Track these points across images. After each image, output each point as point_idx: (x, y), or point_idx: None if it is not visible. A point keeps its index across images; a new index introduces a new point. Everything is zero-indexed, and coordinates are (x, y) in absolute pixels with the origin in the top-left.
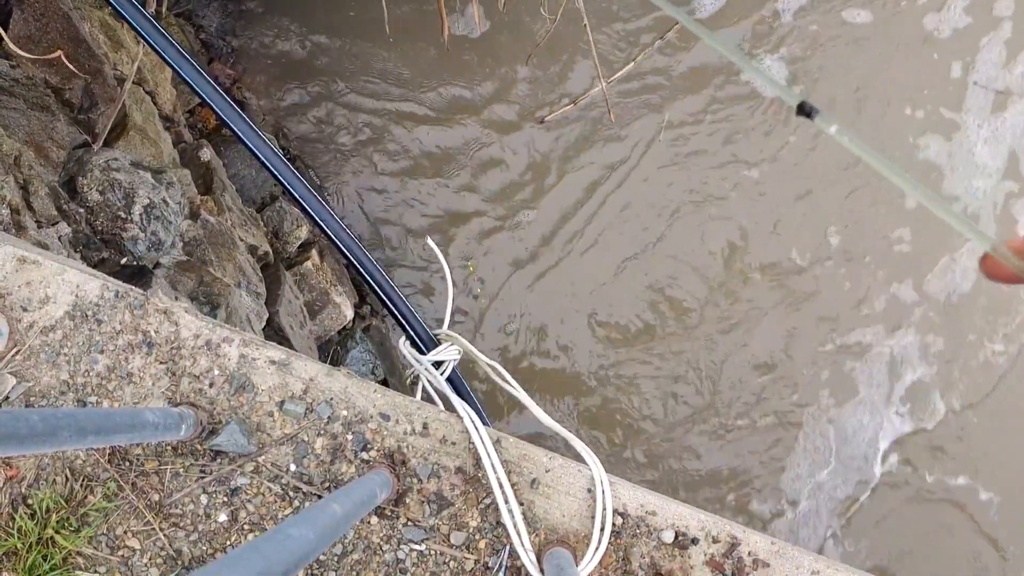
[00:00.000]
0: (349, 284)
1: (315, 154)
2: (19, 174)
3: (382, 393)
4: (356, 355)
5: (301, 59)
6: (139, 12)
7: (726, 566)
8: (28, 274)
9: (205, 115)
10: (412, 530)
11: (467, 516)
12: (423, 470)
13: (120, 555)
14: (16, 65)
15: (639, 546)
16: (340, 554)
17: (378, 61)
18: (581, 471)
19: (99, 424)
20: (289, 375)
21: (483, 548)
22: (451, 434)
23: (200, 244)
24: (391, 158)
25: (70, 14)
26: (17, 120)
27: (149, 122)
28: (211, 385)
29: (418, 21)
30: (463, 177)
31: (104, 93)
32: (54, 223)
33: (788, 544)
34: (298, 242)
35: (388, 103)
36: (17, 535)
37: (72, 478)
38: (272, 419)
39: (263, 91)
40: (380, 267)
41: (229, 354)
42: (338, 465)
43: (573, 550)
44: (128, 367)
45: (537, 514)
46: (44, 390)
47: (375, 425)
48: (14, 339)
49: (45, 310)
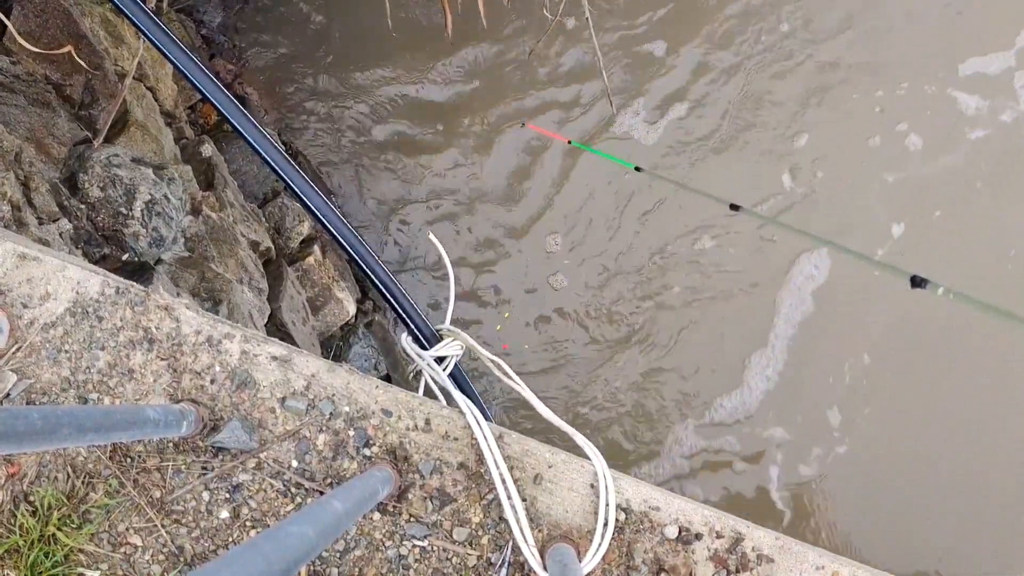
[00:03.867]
0: (351, 280)
1: (318, 148)
2: (20, 170)
3: (384, 389)
4: (358, 351)
5: (303, 54)
6: (140, 8)
7: (730, 561)
8: (29, 271)
9: (206, 111)
10: (414, 526)
11: (470, 512)
12: (425, 466)
13: (122, 552)
14: (17, 61)
15: (642, 542)
16: (342, 550)
17: (382, 54)
18: (584, 466)
19: (100, 421)
20: (291, 371)
21: (486, 544)
22: (453, 430)
23: (202, 240)
24: (393, 154)
25: (71, 10)
26: (18, 116)
27: (150, 118)
28: (212, 381)
29: (422, 14)
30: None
31: (105, 89)
32: (55, 219)
33: (792, 539)
34: (300, 238)
35: (391, 93)
36: (19, 532)
37: (74, 475)
38: (274, 415)
39: (264, 87)
40: (382, 262)
41: (231, 350)
42: (340, 461)
43: (576, 546)
44: (129, 364)
45: (540, 510)
46: (45, 387)
47: (377, 421)
48: (15, 336)
49: (46, 307)
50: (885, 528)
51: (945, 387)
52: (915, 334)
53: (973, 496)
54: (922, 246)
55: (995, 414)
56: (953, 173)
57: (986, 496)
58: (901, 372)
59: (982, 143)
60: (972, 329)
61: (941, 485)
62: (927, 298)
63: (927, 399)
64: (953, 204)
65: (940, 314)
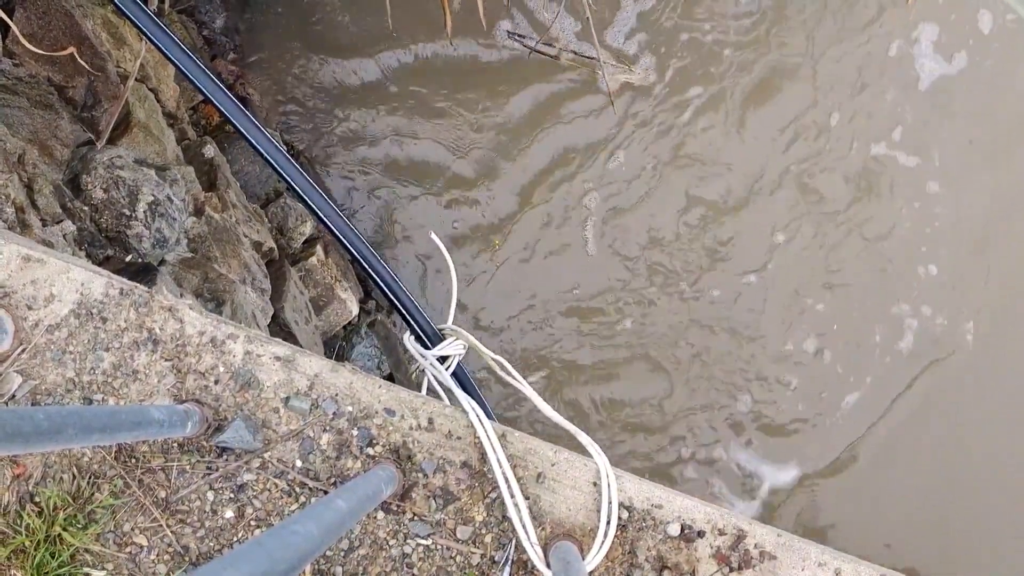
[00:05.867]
0: (354, 279)
1: (319, 147)
2: (23, 172)
3: (387, 388)
4: (362, 350)
5: (304, 54)
6: (141, 9)
7: (732, 559)
8: (33, 272)
9: (208, 112)
10: (418, 525)
11: (473, 511)
12: (429, 465)
13: (127, 552)
14: (19, 63)
15: (645, 539)
16: (346, 549)
17: (381, 51)
18: (587, 464)
19: (105, 422)
20: (294, 371)
21: (489, 542)
22: (457, 429)
23: (205, 241)
24: (394, 151)
25: (72, 12)
26: (21, 118)
27: (152, 119)
28: (216, 382)
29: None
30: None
31: (107, 91)
32: (59, 221)
33: (795, 536)
34: (303, 238)
35: (391, 91)
36: (25, 533)
37: (79, 475)
38: (278, 415)
39: (266, 87)
40: (384, 262)
41: (234, 351)
42: (344, 461)
43: (579, 544)
44: (133, 364)
45: (543, 508)
46: (50, 388)
47: (380, 420)
48: (19, 337)
49: (50, 308)
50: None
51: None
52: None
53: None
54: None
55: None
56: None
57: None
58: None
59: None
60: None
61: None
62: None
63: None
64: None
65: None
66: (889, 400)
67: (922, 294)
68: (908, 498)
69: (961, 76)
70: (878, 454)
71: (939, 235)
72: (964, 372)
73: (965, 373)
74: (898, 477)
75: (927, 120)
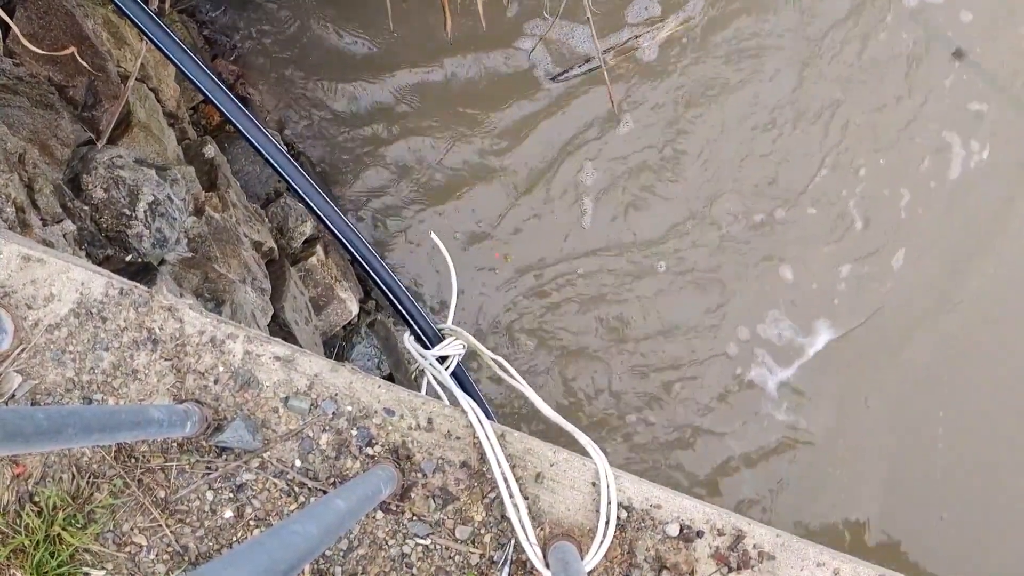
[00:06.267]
0: (354, 279)
1: (320, 149)
2: (24, 172)
3: (386, 388)
4: (361, 350)
5: (306, 54)
6: (142, 9)
7: (731, 559)
8: (33, 272)
9: (209, 112)
10: (417, 525)
11: (472, 511)
12: (428, 465)
13: (127, 551)
14: (20, 63)
15: (644, 539)
16: (346, 549)
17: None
18: (586, 464)
19: (104, 421)
20: (294, 371)
21: (488, 542)
22: (456, 429)
23: (205, 241)
24: (397, 151)
25: (73, 11)
26: (21, 118)
27: (153, 119)
28: (216, 382)
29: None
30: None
31: (108, 90)
32: (59, 221)
33: (793, 537)
34: (303, 238)
35: (393, 91)
36: (24, 532)
37: (78, 475)
38: (277, 415)
39: (267, 87)
40: (384, 262)
41: (234, 351)
42: (343, 460)
43: (578, 544)
44: (133, 364)
45: (542, 508)
46: (50, 388)
47: (380, 420)
48: (19, 337)
49: (50, 308)
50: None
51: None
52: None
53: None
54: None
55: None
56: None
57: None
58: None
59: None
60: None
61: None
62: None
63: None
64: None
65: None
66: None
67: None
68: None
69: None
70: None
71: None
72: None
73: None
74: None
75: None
